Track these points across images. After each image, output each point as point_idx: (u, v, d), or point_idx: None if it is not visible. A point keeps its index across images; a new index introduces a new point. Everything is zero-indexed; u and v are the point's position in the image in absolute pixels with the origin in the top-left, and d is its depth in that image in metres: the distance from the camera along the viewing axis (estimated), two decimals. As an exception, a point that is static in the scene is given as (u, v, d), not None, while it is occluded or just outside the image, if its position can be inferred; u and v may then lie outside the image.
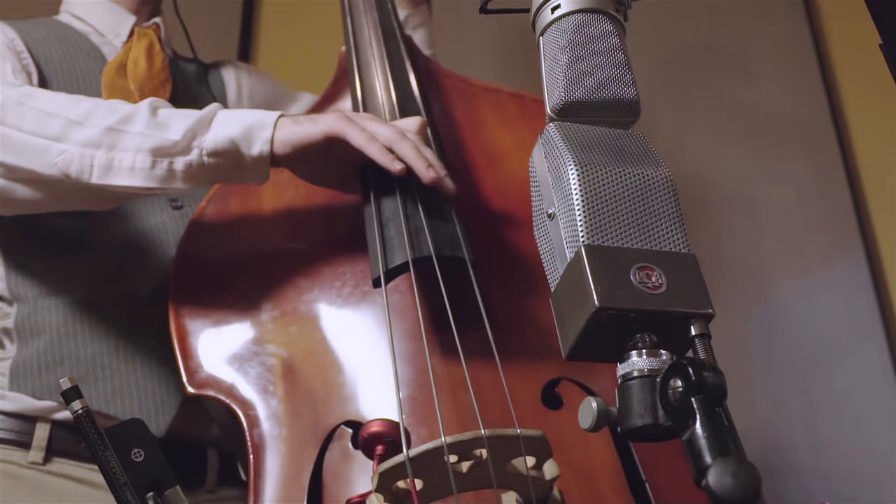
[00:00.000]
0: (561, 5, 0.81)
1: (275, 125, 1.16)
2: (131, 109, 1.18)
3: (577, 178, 0.70)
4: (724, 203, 2.20)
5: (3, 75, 1.33)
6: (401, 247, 1.13)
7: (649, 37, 2.34)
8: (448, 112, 1.46)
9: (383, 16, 1.53)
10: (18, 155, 1.19)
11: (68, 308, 1.38)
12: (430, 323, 1.15)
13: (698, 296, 0.67)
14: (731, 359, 2.06)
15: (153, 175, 1.17)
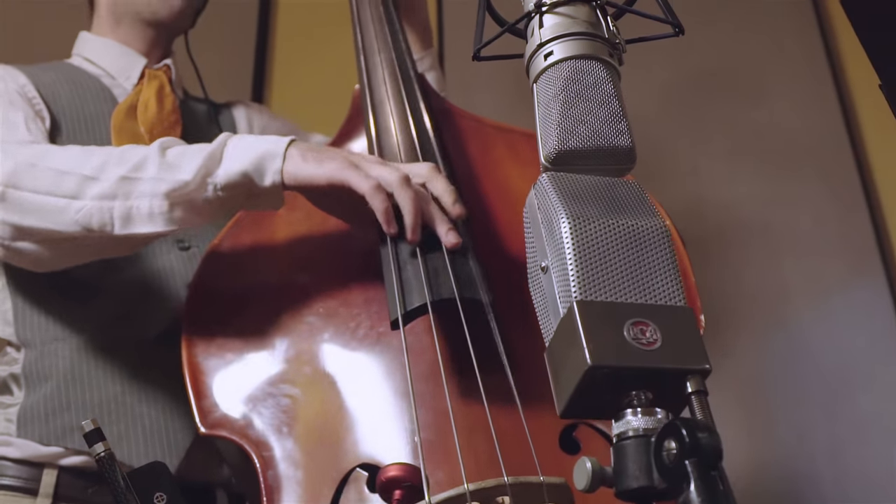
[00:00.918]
0: (554, 52, 0.80)
1: (284, 156, 1.16)
2: (142, 155, 1.19)
3: (569, 232, 0.69)
4: (741, 227, 2.19)
5: (15, 129, 1.34)
6: (419, 289, 1.12)
7: (662, 61, 2.34)
8: (463, 151, 1.45)
9: (397, 55, 1.53)
10: (38, 217, 1.20)
11: (75, 352, 1.38)
12: (446, 365, 1.14)
13: (694, 351, 0.66)
14: (751, 386, 2.05)
15: (172, 218, 1.17)
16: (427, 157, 1.33)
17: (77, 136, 1.47)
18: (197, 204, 1.18)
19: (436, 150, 1.36)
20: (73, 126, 1.48)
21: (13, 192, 1.20)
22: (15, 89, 1.44)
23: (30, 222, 1.20)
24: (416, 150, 1.34)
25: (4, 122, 1.34)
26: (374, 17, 1.61)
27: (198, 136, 1.61)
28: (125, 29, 1.63)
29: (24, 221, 1.20)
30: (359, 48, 1.58)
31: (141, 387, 1.38)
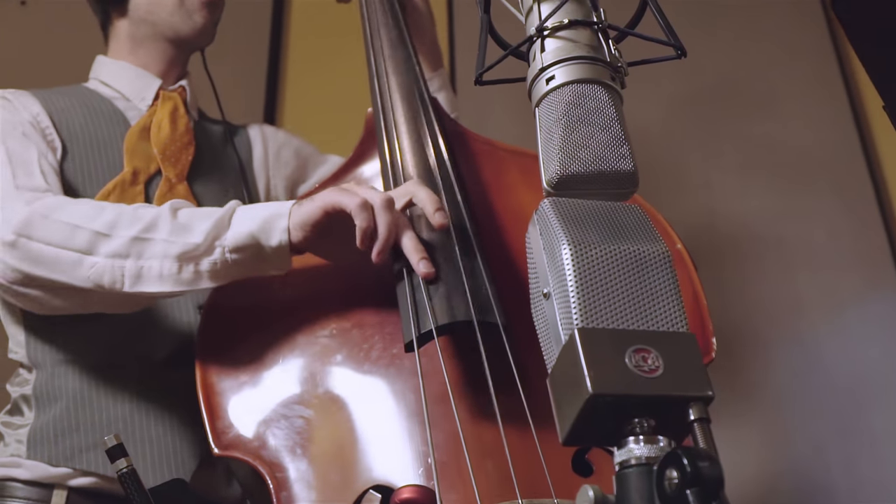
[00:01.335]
0: (556, 76, 0.80)
1: (289, 214, 1.19)
2: (153, 216, 1.22)
3: (570, 258, 0.69)
4: (754, 241, 2.18)
5: (30, 174, 1.35)
6: (434, 311, 1.13)
7: (672, 74, 2.33)
8: (476, 174, 1.46)
9: (410, 78, 1.53)
10: (50, 269, 1.22)
11: (84, 374, 1.39)
12: (460, 387, 1.14)
13: (696, 378, 0.65)
14: (766, 399, 2.04)
15: (181, 279, 1.21)
16: (442, 180, 1.34)
17: (89, 160, 1.49)
18: (205, 267, 1.21)
19: (451, 173, 1.36)
20: (85, 151, 1.49)
21: (25, 242, 1.22)
22: (28, 120, 1.46)
23: (40, 272, 1.23)
24: (432, 173, 1.35)
25: (20, 163, 1.36)
26: (386, 41, 1.62)
27: (212, 157, 1.63)
28: (145, 51, 1.64)
29: (35, 271, 1.23)
30: (372, 72, 1.58)
31: (148, 408, 1.39)
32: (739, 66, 2.39)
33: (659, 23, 0.83)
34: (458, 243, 1.23)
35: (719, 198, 2.24)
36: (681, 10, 2.46)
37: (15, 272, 1.24)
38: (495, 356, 1.11)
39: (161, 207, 1.24)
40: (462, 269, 1.18)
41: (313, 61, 2.73)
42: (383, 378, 1.20)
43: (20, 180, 1.32)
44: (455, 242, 1.22)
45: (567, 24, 0.81)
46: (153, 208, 1.24)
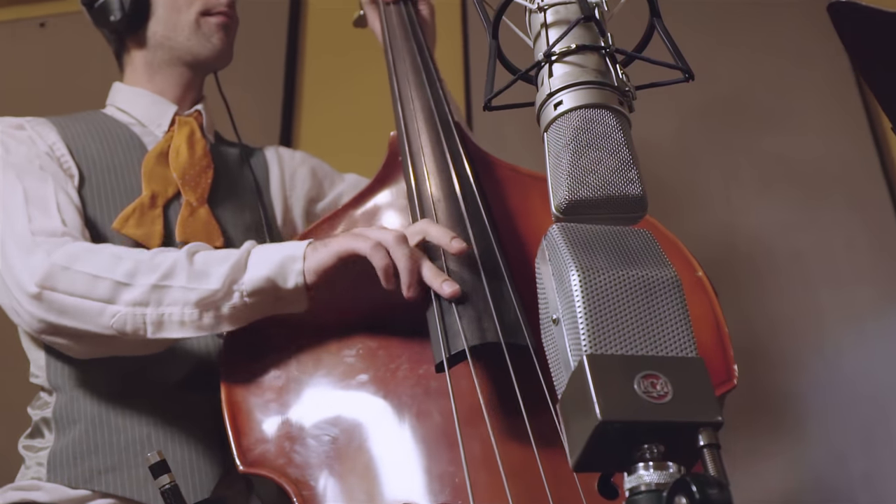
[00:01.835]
0: (564, 101, 0.80)
1: (304, 256, 1.21)
2: (171, 263, 1.24)
3: (579, 284, 0.69)
4: (772, 255, 2.18)
5: (46, 214, 1.37)
6: (463, 332, 1.14)
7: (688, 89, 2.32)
8: (501, 199, 1.46)
9: (435, 102, 1.54)
10: (75, 318, 1.25)
11: (103, 397, 1.40)
12: (490, 408, 1.15)
13: (706, 403, 0.65)
14: (787, 411, 2.03)
15: (202, 325, 1.23)
16: (468, 204, 1.35)
17: (106, 186, 1.50)
18: (224, 311, 1.23)
19: (477, 197, 1.37)
20: (103, 176, 1.51)
21: (49, 294, 1.25)
22: (45, 151, 1.47)
23: (65, 322, 1.26)
24: (458, 198, 1.36)
25: (37, 202, 1.38)
26: (409, 64, 1.63)
27: (229, 180, 1.64)
28: (161, 76, 1.66)
29: (60, 321, 1.26)
30: (395, 95, 1.60)
31: (166, 429, 1.40)
32: (755, 79, 2.39)
33: (667, 46, 0.84)
34: (485, 267, 1.24)
35: (736, 212, 2.23)
36: (696, 24, 2.47)
37: (41, 323, 1.27)
38: (524, 378, 1.12)
39: (178, 253, 1.26)
40: (489, 292, 1.20)
41: (329, 82, 2.75)
42: (410, 398, 1.20)
43: (37, 223, 1.33)
44: (482, 266, 1.24)
45: (575, 49, 0.81)
46: (170, 254, 1.26)
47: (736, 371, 1.20)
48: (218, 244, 1.51)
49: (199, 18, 1.64)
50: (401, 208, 1.46)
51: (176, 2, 1.63)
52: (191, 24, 1.63)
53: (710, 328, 1.25)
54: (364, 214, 1.48)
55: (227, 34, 1.66)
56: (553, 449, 1.07)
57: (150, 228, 1.47)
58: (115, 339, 1.26)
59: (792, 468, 1.97)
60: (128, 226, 1.46)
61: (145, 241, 1.45)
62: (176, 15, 1.63)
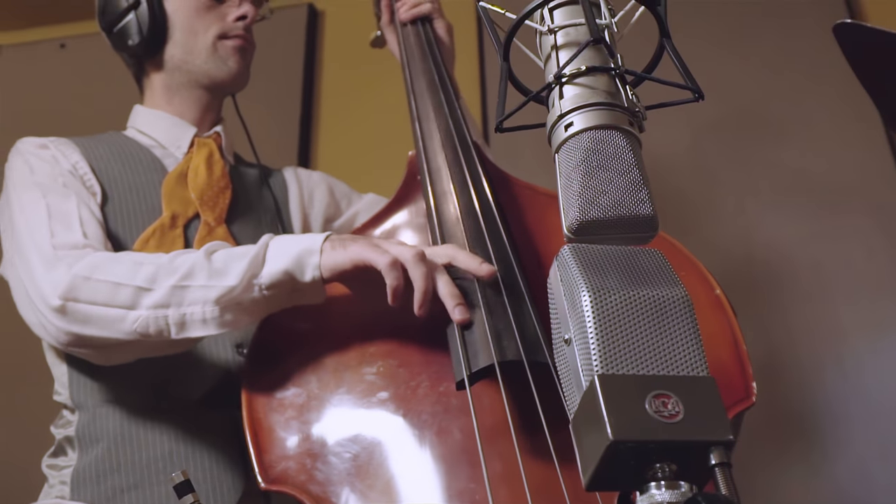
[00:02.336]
0: (574, 123, 0.81)
1: (321, 250, 1.22)
2: (190, 263, 1.26)
3: (590, 305, 0.70)
4: (790, 266, 2.17)
5: (68, 229, 1.39)
6: (484, 350, 1.15)
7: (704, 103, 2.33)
8: (520, 218, 1.47)
9: (454, 121, 1.56)
10: (98, 327, 1.28)
11: (125, 415, 1.42)
12: (516, 424, 1.15)
13: (717, 422, 0.66)
14: (807, 425, 2.03)
15: (223, 321, 1.25)
16: (488, 223, 1.36)
17: (128, 205, 1.53)
18: (245, 305, 1.25)
19: (496, 216, 1.38)
20: (125, 196, 1.53)
21: (73, 305, 1.28)
22: (68, 169, 1.50)
23: (90, 331, 1.28)
24: (477, 216, 1.37)
25: (59, 217, 1.40)
26: (427, 84, 1.65)
27: (248, 200, 1.66)
28: (180, 98, 1.69)
29: (84, 331, 1.28)
30: (413, 115, 1.61)
31: (188, 447, 1.41)
32: (770, 91, 2.39)
33: (676, 66, 0.84)
34: (505, 284, 1.24)
35: (754, 224, 2.23)
36: (710, 38, 2.48)
37: (67, 335, 1.29)
38: (544, 394, 1.13)
39: (197, 253, 1.27)
40: (510, 310, 1.20)
41: (346, 101, 2.77)
42: (430, 415, 1.21)
43: (58, 238, 1.36)
44: (502, 283, 1.24)
45: (584, 70, 0.82)
46: (189, 255, 1.28)
47: (754, 389, 1.20)
48: None
49: (216, 42, 1.67)
50: (419, 227, 1.47)
51: (193, 26, 1.66)
52: (208, 47, 1.66)
53: (729, 346, 1.25)
54: (383, 234, 1.49)
55: (243, 57, 1.69)
56: (575, 465, 1.07)
57: (170, 248, 1.49)
58: (139, 343, 1.28)
59: (813, 481, 1.97)
60: (148, 246, 1.48)
61: None
62: (193, 38, 1.66)
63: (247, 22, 1.69)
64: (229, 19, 1.68)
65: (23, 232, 1.39)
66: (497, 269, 1.25)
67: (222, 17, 1.68)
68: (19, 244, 1.39)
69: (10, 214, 1.45)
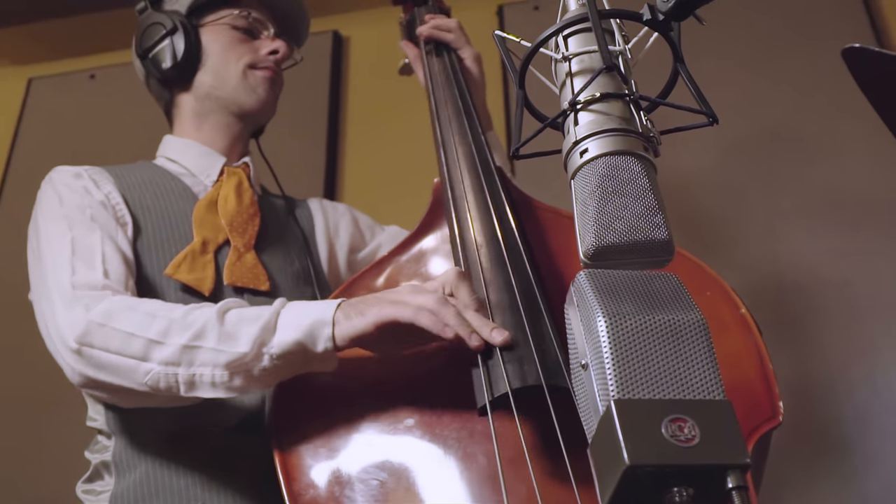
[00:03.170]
0: (589, 149, 0.82)
1: (333, 322, 1.21)
2: (202, 323, 1.26)
3: (605, 330, 0.70)
4: (820, 284, 2.16)
5: (90, 266, 1.41)
6: (505, 376, 1.15)
7: (732, 121, 2.34)
8: (543, 242, 1.47)
9: (477, 148, 1.57)
10: (111, 373, 1.29)
11: (162, 441, 1.43)
12: (534, 450, 1.15)
13: (733, 446, 0.66)
14: (837, 444, 2.01)
15: (232, 387, 1.25)
16: (510, 250, 1.36)
17: (160, 233, 1.55)
18: (254, 373, 1.24)
19: (518, 241, 1.39)
20: (157, 223, 1.56)
21: (88, 350, 1.29)
22: (100, 200, 1.52)
23: (103, 377, 1.29)
24: (500, 243, 1.37)
25: (82, 253, 1.42)
26: (452, 111, 1.66)
27: (276, 228, 1.69)
28: (209, 127, 1.72)
29: (98, 376, 1.29)
30: (438, 142, 1.63)
31: (223, 472, 1.43)
32: (798, 109, 2.38)
33: (690, 90, 0.85)
34: (526, 310, 1.25)
35: (782, 243, 2.23)
36: (739, 57, 2.48)
37: (82, 377, 1.31)
38: (566, 419, 1.12)
39: (210, 311, 1.27)
40: (531, 335, 1.21)
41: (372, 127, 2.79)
42: (455, 441, 1.21)
43: (79, 276, 1.38)
44: (523, 310, 1.25)
45: (599, 97, 0.83)
46: (203, 312, 1.28)
47: (781, 408, 1.20)
48: (264, 288, 1.55)
49: (247, 70, 1.71)
50: (445, 254, 1.48)
51: (226, 54, 1.71)
52: (238, 75, 1.70)
53: (755, 365, 1.25)
54: (409, 260, 1.50)
55: (272, 88, 1.74)
56: (594, 490, 1.07)
57: (201, 273, 1.51)
58: (151, 395, 1.29)
59: (844, 499, 1.95)
60: (180, 271, 1.50)
61: (197, 285, 1.49)
62: (225, 66, 1.71)
63: (278, 56, 1.74)
64: (262, 52, 1.74)
65: (47, 265, 1.42)
66: (516, 292, 1.26)
67: (255, 49, 1.74)
68: (43, 276, 1.41)
69: (37, 244, 1.47)
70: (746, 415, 1.15)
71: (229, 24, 1.73)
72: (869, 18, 2.44)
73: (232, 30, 1.73)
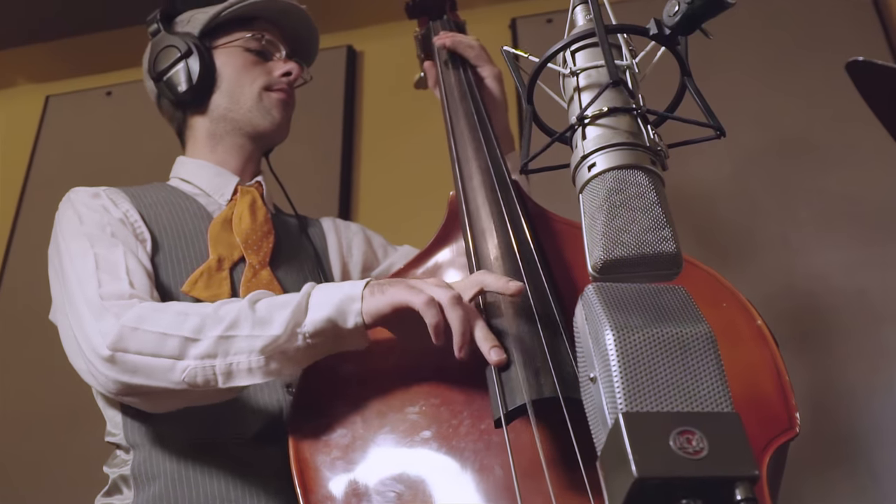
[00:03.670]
0: (596, 163, 0.82)
1: (362, 297, 1.24)
2: (235, 313, 1.28)
3: (614, 344, 0.71)
4: (834, 294, 2.16)
5: (115, 278, 1.42)
6: (521, 387, 1.16)
7: (747, 132, 2.34)
8: (559, 255, 1.48)
9: (492, 162, 1.57)
10: (146, 376, 1.30)
11: (180, 453, 1.44)
12: (549, 461, 1.15)
13: (741, 457, 0.67)
14: (856, 454, 2.01)
15: (269, 370, 1.27)
16: (526, 261, 1.36)
17: (177, 251, 1.57)
18: (290, 354, 1.26)
19: (534, 253, 1.39)
20: (173, 242, 1.57)
21: (122, 355, 1.30)
22: (119, 217, 1.54)
23: (138, 381, 1.30)
24: (516, 255, 1.38)
25: (106, 267, 1.44)
26: (466, 125, 1.67)
27: (290, 246, 1.71)
28: (223, 148, 1.74)
29: (133, 380, 1.30)
30: (453, 156, 1.63)
31: (243, 484, 1.43)
32: (812, 120, 2.38)
33: (698, 104, 0.86)
34: (543, 322, 1.25)
35: (797, 253, 2.22)
36: (753, 67, 2.48)
37: (116, 384, 1.32)
38: (582, 430, 1.13)
39: (241, 302, 1.30)
40: (547, 347, 1.21)
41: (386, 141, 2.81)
42: (472, 453, 1.21)
43: (106, 288, 1.39)
44: (539, 322, 1.25)
45: (606, 111, 0.84)
46: (234, 305, 1.30)
47: (798, 419, 1.20)
48: None
49: (261, 93, 1.73)
50: (461, 266, 1.49)
51: (241, 77, 1.73)
52: (253, 97, 1.72)
53: (771, 377, 1.25)
54: (425, 273, 1.51)
55: (285, 110, 1.75)
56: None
57: (217, 290, 1.53)
58: (188, 392, 1.30)
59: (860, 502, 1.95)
60: (196, 288, 1.51)
61: (213, 302, 1.50)
62: (240, 89, 1.72)
63: (290, 78, 1.76)
64: (275, 74, 1.75)
65: (72, 281, 1.43)
66: (532, 305, 1.26)
67: (269, 71, 1.76)
68: (69, 293, 1.42)
69: (59, 263, 1.49)
70: (763, 426, 1.15)
71: (242, 46, 1.75)
72: (882, 28, 2.44)
73: (245, 52, 1.75)
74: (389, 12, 2.80)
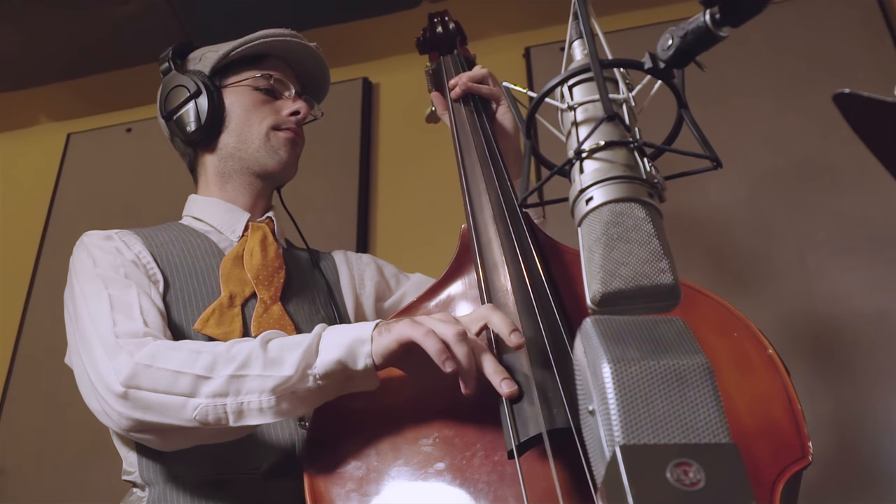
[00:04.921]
0: (594, 197, 0.83)
1: (371, 339, 1.26)
2: (247, 353, 1.30)
3: (610, 376, 0.71)
4: (854, 316, 2.15)
5: (130, 318, 1.45)
6: (533, 418, 1.17)
7: (763, 154, 2.34)
8: (570, 284, 1.48)
9: (504, 194, 1.59)
10: (159, 413, 1.31)
11: (195, 490, 1.46)
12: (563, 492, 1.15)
13: (738, 488, 0.67)
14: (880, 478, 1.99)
15: (280, 410, 1.28)
16: (537, 293, 1.38)
17: (189, 289, 1.59)
18: (300, 395, 1.27)
19: (545, 285, 1.40)
20: (185, 280, 1.59)
21: (135, 392, 1.32)
22: (131, 259, 1.57)
23: (150, 418, 1.32)
24: (527, 288, 1.39)
25: (121, 307, 1.46)
26: (477, 157, 1.68)
27: (301, 280, 1.73)
28: (233, 185, 1.76)
29: (146, 417, 1.32)
30: (464, 189, 1.65)
31: None
32: (828, 141, 2.38)
33: (694, 135, 0.86)
34: (554, 354, 1.26)
35: (815, 276, 2.22)
36: (768, 90, 2.49)
37: (129, 420, 1.33)
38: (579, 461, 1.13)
39: (253, 342, 1.31)
40: (559, 379, 1.22)
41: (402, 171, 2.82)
42: (486, 484, 1.22)
43: (120, 326, 1.41)
44: (551, 353, 1.26)
45: (603, 145, 0.84)
46: (246, 344, 1.31)
47: (811, 448, 1.19)
48: None
49: (269, 132, 1.75)
50: (473, 299, 1.50)
51: (249, 116, 1.75)
52: (261, 136, 1.74)
53: (783, 406, 1.25)
54: (437, 306, 1.52)
55: (293, 149, 1.78)
56: None
57: (229, 327, 1.54)
58: (199, 430, 1.31)
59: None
60: (209, 325, 1.53)
61: (226, 339, 1.51)
62: (248, 128, 1.75)
63: (299, 118, 1.78)
64: (283, 113, 1.78)
65: (86, 322, 1.45)
66: (544, 337, 1.27)
67: (277, 110, 1.78)
68: (83, 333, 1.44)
69: (74, 306, 1.51)
70: (776, 455, 1.15)
71: (251, 85, 1.78)
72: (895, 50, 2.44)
73: (254, 91, 1.78)
74: (404, 44, 2.83)
